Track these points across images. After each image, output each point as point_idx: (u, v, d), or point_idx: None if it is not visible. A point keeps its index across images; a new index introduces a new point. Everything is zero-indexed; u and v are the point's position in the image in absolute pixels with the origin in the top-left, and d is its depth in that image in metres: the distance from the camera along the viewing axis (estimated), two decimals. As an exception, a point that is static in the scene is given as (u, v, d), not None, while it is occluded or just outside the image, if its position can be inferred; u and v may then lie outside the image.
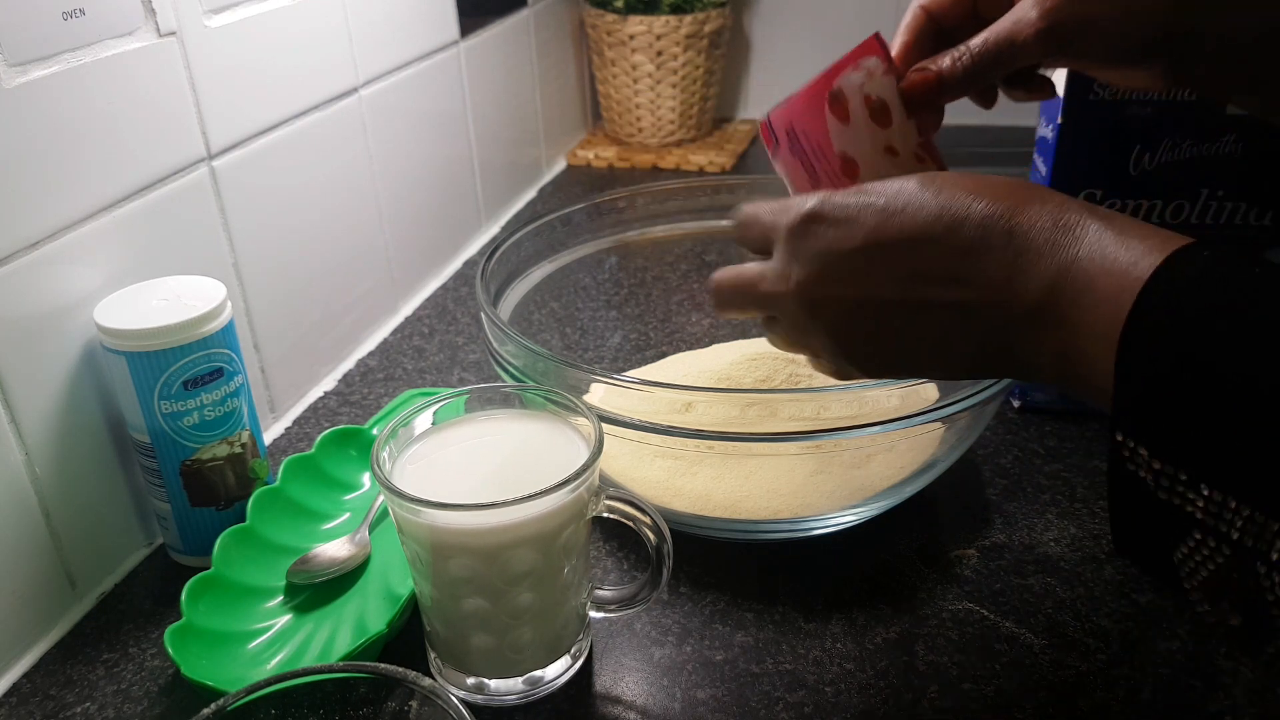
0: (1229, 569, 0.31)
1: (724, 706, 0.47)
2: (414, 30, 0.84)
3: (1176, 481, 0.31)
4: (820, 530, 0.56)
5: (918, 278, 0.37)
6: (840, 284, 0.39)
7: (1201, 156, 0.58)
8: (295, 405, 0.73)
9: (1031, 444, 0.65)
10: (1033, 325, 0.35)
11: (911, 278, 0.38)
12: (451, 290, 0.90)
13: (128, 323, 0.51)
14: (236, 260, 0.65)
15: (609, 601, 0.50)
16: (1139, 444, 0.32)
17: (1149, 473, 0.32)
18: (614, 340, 0.76)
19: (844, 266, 0.39)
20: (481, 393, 0.51)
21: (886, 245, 0.38)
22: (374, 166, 0.80)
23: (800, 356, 0.62)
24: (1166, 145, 0.58)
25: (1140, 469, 0.32)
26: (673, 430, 0.51)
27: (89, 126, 0.53)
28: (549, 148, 1.17)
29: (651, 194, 0.74)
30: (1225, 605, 0.32)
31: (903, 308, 0.38)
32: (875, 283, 0.38)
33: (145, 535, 0.59)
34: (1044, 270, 0.35)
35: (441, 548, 0.44)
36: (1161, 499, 0.32)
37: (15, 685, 0.50)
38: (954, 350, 0.38)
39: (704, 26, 1.13)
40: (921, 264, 0.37)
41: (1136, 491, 0.32)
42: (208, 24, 0.61)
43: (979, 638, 0.51)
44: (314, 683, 0.37)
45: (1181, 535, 0.32)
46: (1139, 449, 0.32)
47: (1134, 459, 0.32)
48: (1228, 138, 0.58)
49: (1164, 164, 0.59)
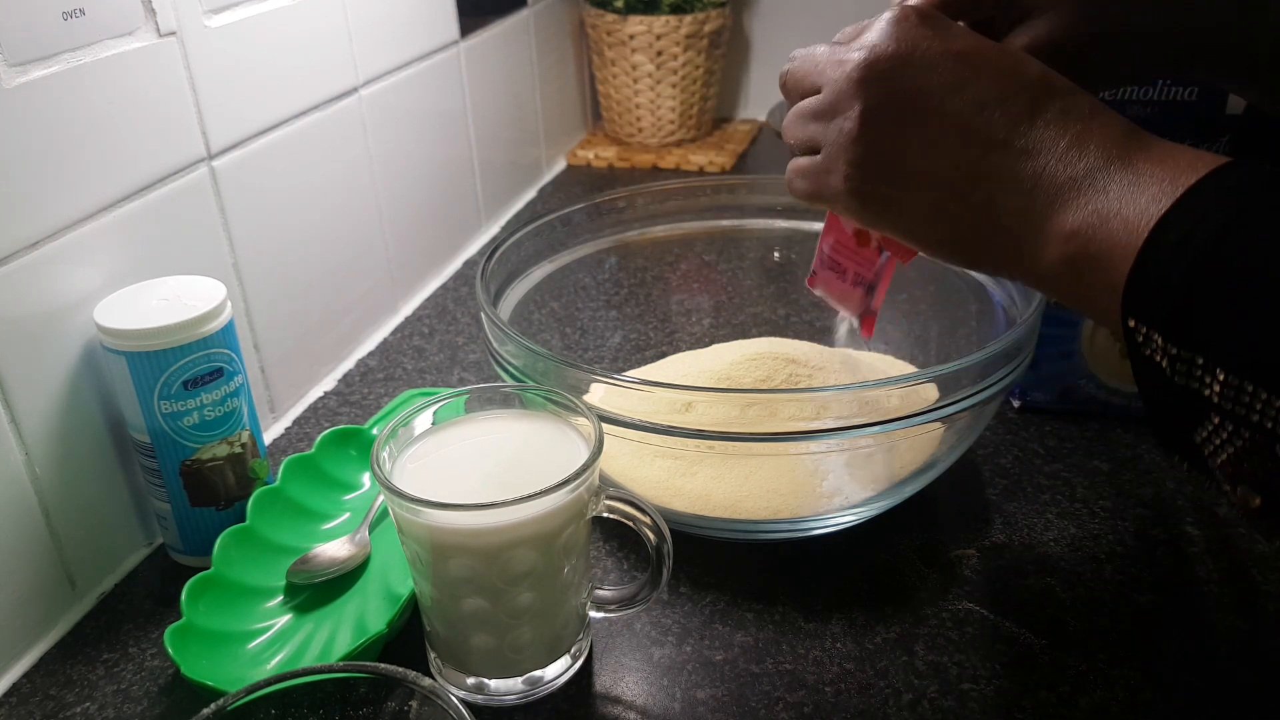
0: (1248, 451, 0.31)
1: (724, 706, 0.47)
2: (414, 30, 0.84)
3: (1194, 366, 0.31)
4: (820, 530, 0.56)
5: (993, 103, 0.37)
6: (918, 68, 0.39)
7: None
8: (295, 405, 0.73)
9: (1031, 444, 0.65)
10: (1065, 193, 0.36)
11: (986, 101, 0.37)
12: (451, 290, 0.90)
13: (128, 323, 0.51)
14: (236, 260, 0.65)
15: (609, 601, 0.50)
16: (1152, 329, 0.32)
17: (1165, 358, 0.32)
18: (614, 340, 0.76)
19: (931, 59, 0.38)
20: (481, 393, 0.51)
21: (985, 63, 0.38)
22: (374, 166, 0.80)
23: (799, 355, 0.62)
24: None
25: (1156, 354, 0.32)
26: (673, 430, 0.51)
27: (89, 126, 0.53)
28: (549, 148, 1.17)
29: (651, 194, 0.74)
30: (1244, 489, 0.32)
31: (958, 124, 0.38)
32: (952, 86, 0.38)
33: (145, 535, 0.59)
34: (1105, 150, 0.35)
35: (441, 548, 0.44)
36: (1179, 384, 0.32)
37: (15, 685, 0.50)
38: (974, 194, 0.38)
39: (704, 26, 1.13)
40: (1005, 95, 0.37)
41: (1156, 376, 0.33)
42: (208, 24, 0.61)
43: (979, 638, 0.51)
44: (314, 683, 0.37)
45: (1200, 418, 0.32)
46: (1153, 334, 0.32)
47: (1149, 344, 0.33)
48: (1227, 138, 0.58)
49: None
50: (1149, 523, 0.58)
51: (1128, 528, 0.58)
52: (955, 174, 0.38)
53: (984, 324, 0.65)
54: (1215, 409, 0.31)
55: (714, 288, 0.78)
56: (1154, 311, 0.32)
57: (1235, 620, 0.51)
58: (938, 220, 0.40)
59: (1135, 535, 0.57)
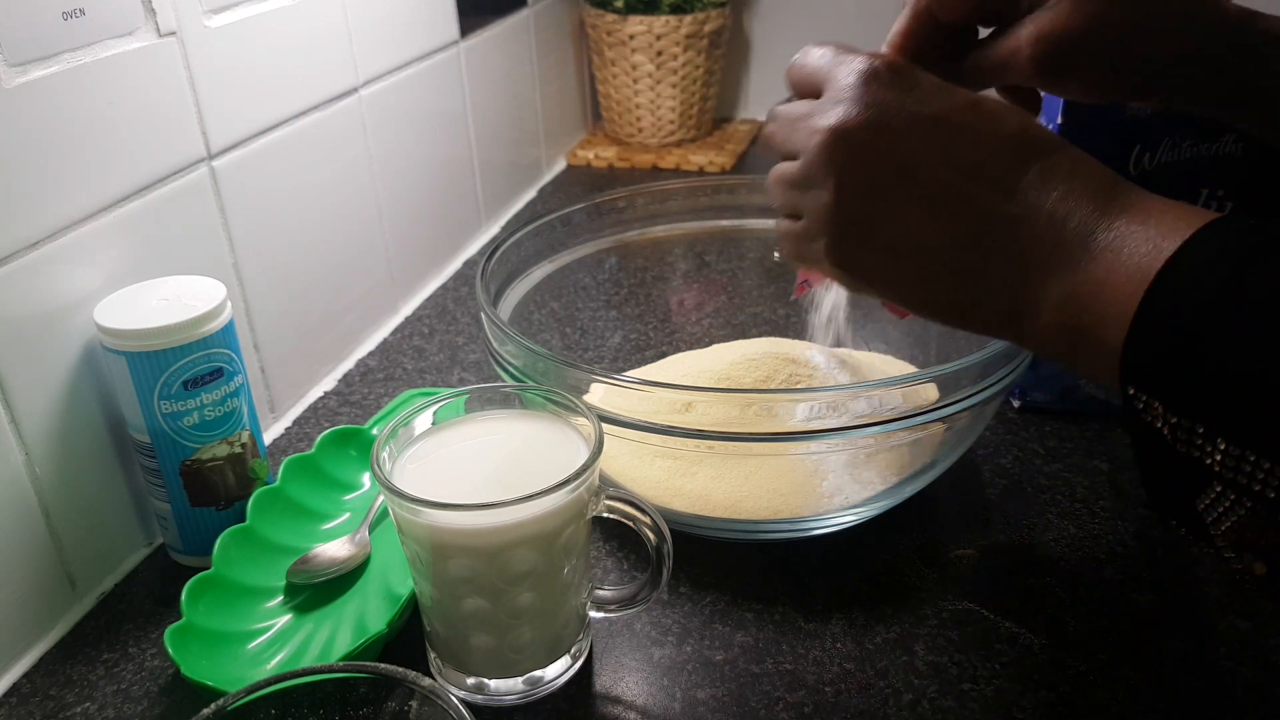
0: (1252, 521, 0.30)
1: (724, 706, 0.47)
2: (414, 30, 0.84)
3: (1194, 435, 0.31)
4: (820, 530, 0.56)
5: (972, 170, 0.36)
6: (891, 137, 0.37)
7: (1201, 156, 0.58)
8: (295, 405, 0.73)
9: (1031, 444, 0.65)
10: (1053, 261, 0.35)
11: (965, 168, 0.36)
12: (451, 290, 0.90)
13: (128, 323, 0.51)
14: (236, 260, 0.65)
15: (609, 601, 0.50)
16: (1153, 398, 0.32)
17: (1165, 425, 0.32)
18: (614, 340, 0.76)
19: (903, 125, 0.37)
20: (481, 393, 0.51)
21: (960, 127, 0.37)
22: (374, 166, 0.80)
23: (799, 355, 0.62)
24: (1166, 145, 0.58)
25: (1157, 421, 0.32)
26: (673, 430, 0.51)
27: (89, 126, 0.53)
28: (549, 148, 1.17)
29: (651, 194, 0.74)
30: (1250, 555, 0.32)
31: (939, 194, 0.37)
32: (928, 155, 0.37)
33: (145, 535, 0.59)
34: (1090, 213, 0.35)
35: (441, 548, 0.44)
36: (1180, 452, 0.31)
37: (15, 685, 0.50)
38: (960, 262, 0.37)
39: (704, 26, 1.13)
40: (983, 160, 0.36)
41: (1156, 443, 0.32)
42: (208, 24, 0.61)
43: (979, 638, 0.51)
44: (314, 683, 0.37)
45: (1202, 486, 0.31)
46: (1153, 403, 0.32)
47: (1149, 411, 0.32)
48: (1228, 138, 0.58)
49: (1164, 164, 0.59)
50: (1149, 523, 0.58)
51: (1128, 528, 0.58)
52: (939, 243, 0.38)
53: (984, 324, 0.64)
54: (1217, 478, 0.31)
55: (714, 288, 0.78)
56: (1152, 380, 0.32)
57: (1235, 620, 0.51)
58: (925, 286, 0.39)
59: (1135, 535, 0.57)
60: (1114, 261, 0.33)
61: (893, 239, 0.38)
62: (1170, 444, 0.32)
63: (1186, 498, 0.33)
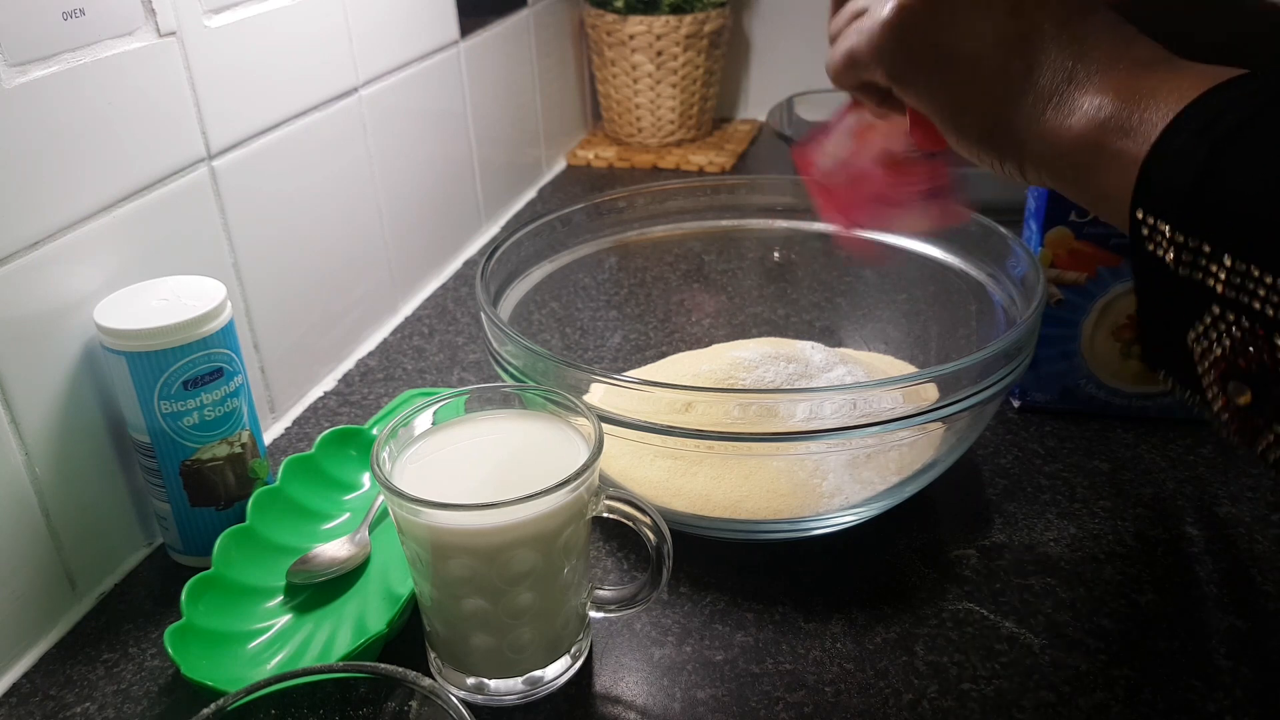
0: (1246, 342, 0.32)
1: (724, 706, 0.47)
2: (414, 30, 0.84)
3: (1199, 254, 0.32)
4: (820, 530, 0.56)
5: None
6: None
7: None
8: (295, 405, 0.73)
9: (1031, 444, 0.65)
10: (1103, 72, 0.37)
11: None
12: (451, 290, 0.90)
13: (128, 323, 0.51)
14: (236, 260, 0.65)
15: (609, 601, 0.50)
16: (1160, 219, 0.33)
17: (1170, 249, 0.33)
18: (614, 340, 0.76)
19: None
20: (481, 393, 0.51)
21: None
22: (374, 166, 0.80)
23: (799, 355, 0.62)
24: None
25: (1160, 247, 0.33)
26: (673, 430, 0.51)
27: (89, 126, 0.53)
28: (549, 148, 1.17)
29: (651, 194, 0.74)
30: (1235, 384, 0.33)
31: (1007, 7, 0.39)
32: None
33: (145, 535, 0.59)
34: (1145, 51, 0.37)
35: (441, 548, 0.44)
36: (1182, 275, 0.33)
37: (15, 685, 0.50)
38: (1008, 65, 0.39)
39: (704, 26, 1.13)
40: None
41: (1158, 272, 0.34)
42: (208, 24, 0.61)
43: (979, 638, 0.51)
44: (314, 683, 0.37)
45: (1199, 312, 0.33)
46: (1160, 225, 0.33)
47: (1154, 237, 0.34)
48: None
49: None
50: (1149, 523, 0.58)
51: (1128, 528, 0.58)
52: (998, 38, 0.39)
53: (984, 324, 0.65)
54: (1217, 299, 0.32)
55: (714, 288, 0.78)
56: (1164, 199, 0.33)
57: (1235, 620, 0.51)
58: (971, 78, 0.41)
59: (1135, 535, 0.57)
60: (1156, 87, 0.35)
61: (954, 26, 0.40)
62: (1173, 269, 0.33)
63: (1179, 331, 0.34)
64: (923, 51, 0.41)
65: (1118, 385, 0.66)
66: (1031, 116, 0.39)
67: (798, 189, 0.74)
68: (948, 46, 0.41)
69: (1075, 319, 0.65)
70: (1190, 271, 0.33)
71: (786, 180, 0.75)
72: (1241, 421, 0.33)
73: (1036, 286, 0.56)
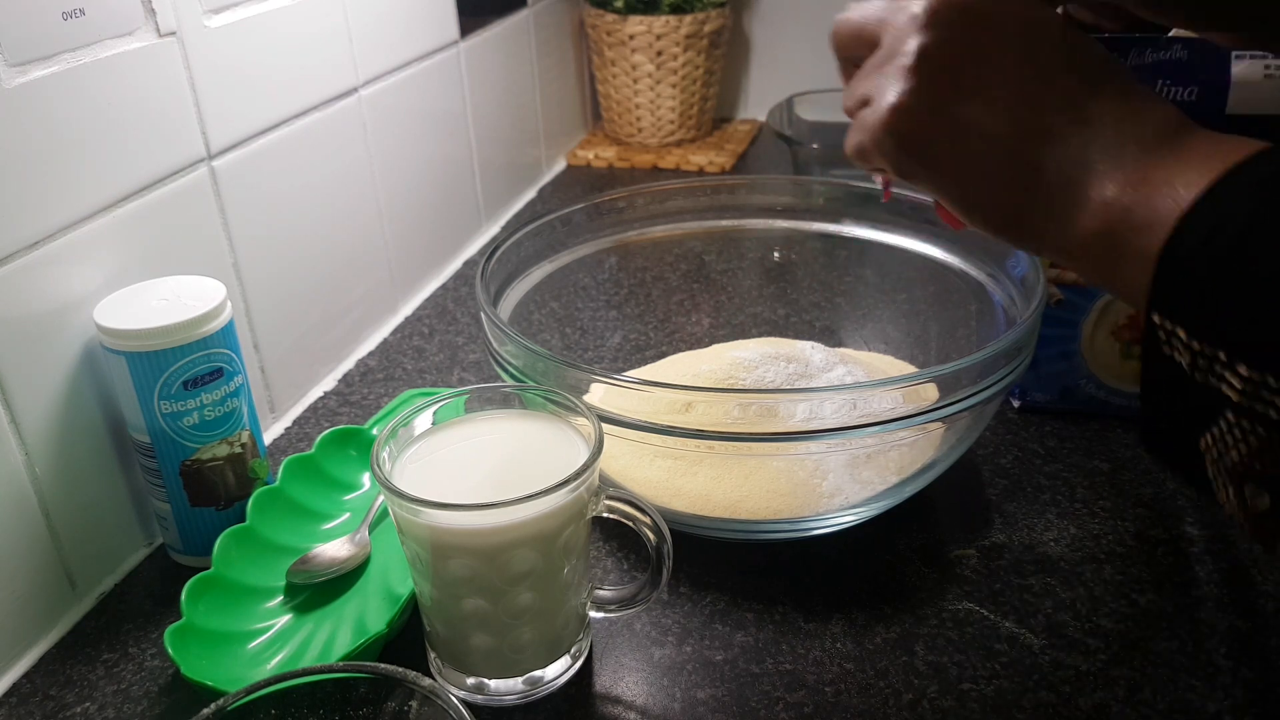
0: (1262, 449, 0.31)
1: (724, 706, 0.47)
2: (414, 30, 0.84)
3: (1215, 362, 0.32)
4: (820, 530, 0.56)
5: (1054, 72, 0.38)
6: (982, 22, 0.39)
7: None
8: (295, 405, 0.73)
9: (1031, 444, 0.65)
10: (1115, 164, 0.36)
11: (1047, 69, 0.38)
12: (451, 290, 0.90)
13: (128, 323, 0.51)
14: (236, 260, 0.65)
15: (609, 601, 0.50)
16: (1177, 324, 0.33)
17: (1186, 354, 0.33)
18: (614, 340, 0.76)
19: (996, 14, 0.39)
20: (481, 393, 0.51)
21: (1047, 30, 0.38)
22: (374, 166, 0.80)
23: (799, 355, 0.62)
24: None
25: (1176, 351, 0.33)
26: (673, 430, 0.51)
27: (89, 126, 0.53)
28: (549, 148, 1.17)
29: (651, 194, 0.74)
30: (1253, 489, 0.32)
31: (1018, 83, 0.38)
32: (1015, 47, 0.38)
33: (145, 535, 0.59)
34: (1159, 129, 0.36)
35: (441, 548, 0.44)
36: (1197, 380, 0.32)
37: (15, 685, 0.50)
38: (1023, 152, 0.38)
39: (704, 26, 1.13)
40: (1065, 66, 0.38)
41: (1170, 376, 0.33)
42: (208, 24, 0.61)
43: (979, 638, 0.51)
44: (314, 683, 0.37)
45: (1213, 417, 0.32)
46: (1176, 330, 0.33)
47: (1170, 341, 0.33)
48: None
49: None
50: (1149, 523, 0.58)
51: (1128, 528, 0.58)
52: (1007, 130, 0.38)
53: (984, 324, 0.65)
54: (1232, 406, 0.31)
55: (714, 288, 0.78)
56: (1179, 304, 0.33)
57: (1235, 620, 0.51)
58: (978, 176, 0.39)
59: (1135, 535, 0.57)
60: (1165, 177, 0.34)
61: (961, 119, 0.39)
62: (1189, 374, 0.33)
63: (1191, 434, 0.34)
64: (924, 151, 0.40)
65: (1118, 385, 0.66)
66: (1046, 212, 0.38)
67: (798, 189, 0.75)
68: (949, 144, 0.39)
69: (1075, 319, 0.65)
70: (1205, 378, 0.32)
71: (786, 180, 0.75)
72: (1257, 525, 0.33)
73: (1036, 286, 0.56)
